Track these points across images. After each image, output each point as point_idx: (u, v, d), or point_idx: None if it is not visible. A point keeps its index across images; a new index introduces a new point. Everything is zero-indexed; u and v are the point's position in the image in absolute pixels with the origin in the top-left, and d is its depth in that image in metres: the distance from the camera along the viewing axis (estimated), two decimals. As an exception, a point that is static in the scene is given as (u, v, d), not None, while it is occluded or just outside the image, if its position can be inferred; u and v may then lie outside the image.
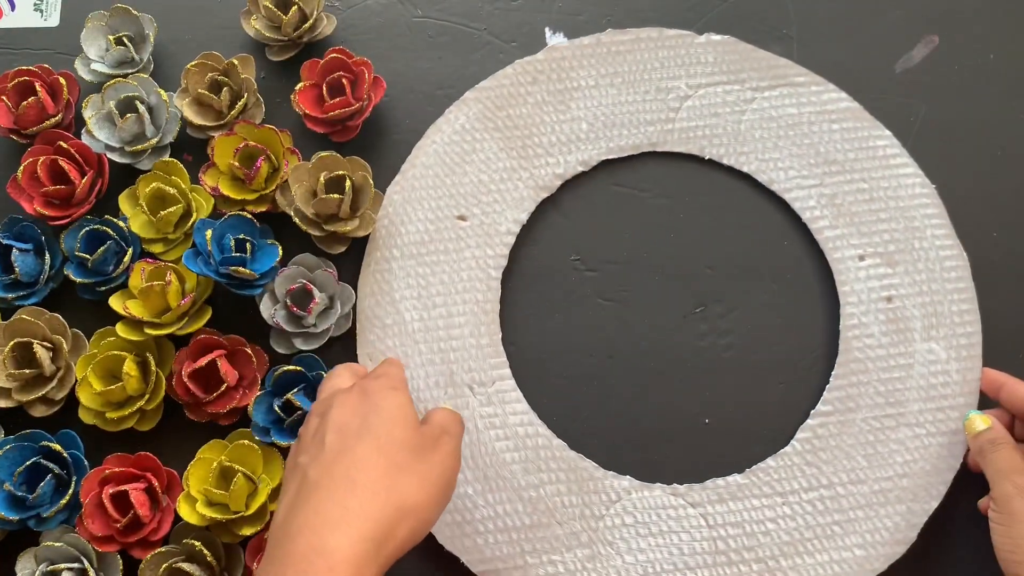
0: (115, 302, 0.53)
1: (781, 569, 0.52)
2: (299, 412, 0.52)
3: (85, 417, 0.52)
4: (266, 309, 0.54)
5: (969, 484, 0.53)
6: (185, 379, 0.51)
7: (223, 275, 0.52)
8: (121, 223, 0.55)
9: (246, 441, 0.51)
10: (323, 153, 0.55)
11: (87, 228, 0.55)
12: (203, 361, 0.52)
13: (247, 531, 0.50)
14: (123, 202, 0.56)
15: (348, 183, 0.54)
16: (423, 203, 0.58)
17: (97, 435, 0.53)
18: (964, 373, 0.55)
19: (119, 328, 0.53)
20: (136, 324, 0.52)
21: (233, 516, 0.49)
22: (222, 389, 0.52)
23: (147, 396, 0.52)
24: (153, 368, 0.52)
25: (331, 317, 0.54)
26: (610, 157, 0.60)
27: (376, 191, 0.57)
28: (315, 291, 0.53)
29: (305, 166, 0.55)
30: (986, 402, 0.55)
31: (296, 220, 0.54)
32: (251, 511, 0.50)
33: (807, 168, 0.59)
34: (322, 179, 0.54)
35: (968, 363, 0.55)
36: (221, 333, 0.54)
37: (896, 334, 0.56)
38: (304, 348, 0.54)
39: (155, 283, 0.52)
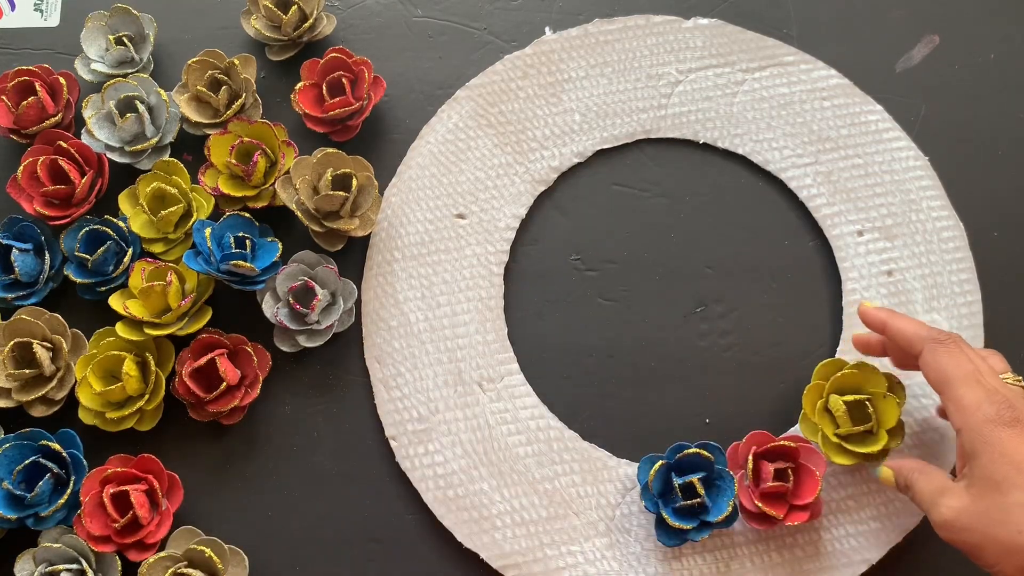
0: (115, 302, 0.53)
1: (798, 545, 0.52)
2: (698, 501, 0.50)
3: (85, 417, 0.52)
4: (268, 308, 0.54)
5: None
6: (185, 379, 0.51)
7: (224, 272, 0.52)
8: (121, 223, 0.55)
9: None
10: (328, 149, 0.55)
11: (87, 228, 0.55)
12: (203, 360, 0.51)
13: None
14: (123, 202, 0.55)
15: (354, 182, 0.54)
16: (421, 203, 0.58)
17: (97, 435, 0.52)
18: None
19: (119, 328, 0.52)
20: (136, 324, 0.52)
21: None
22: (222, 388, 0.52)
23: (147, 396, 0.52)
24: (153, 368, 0.52)
25: (334, 313, 0.54)
26: (605, 147, 0.60)
27: (376, 194, 0.57)
28: (317, 288, 0.53)
29: (308, 160, 0.55)
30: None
31: (298, 213, 0.54)
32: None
33: (801, 147, 0.60)
34: (328, 175, 0.54)
35: (970, 332, 0.56)
36: (224, 333, 0.53)
37: (898, 307, 0.56)
38: (308, 345, 0.54)
39: (155, 283, 0.52)
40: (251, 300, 0.55)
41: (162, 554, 0.49)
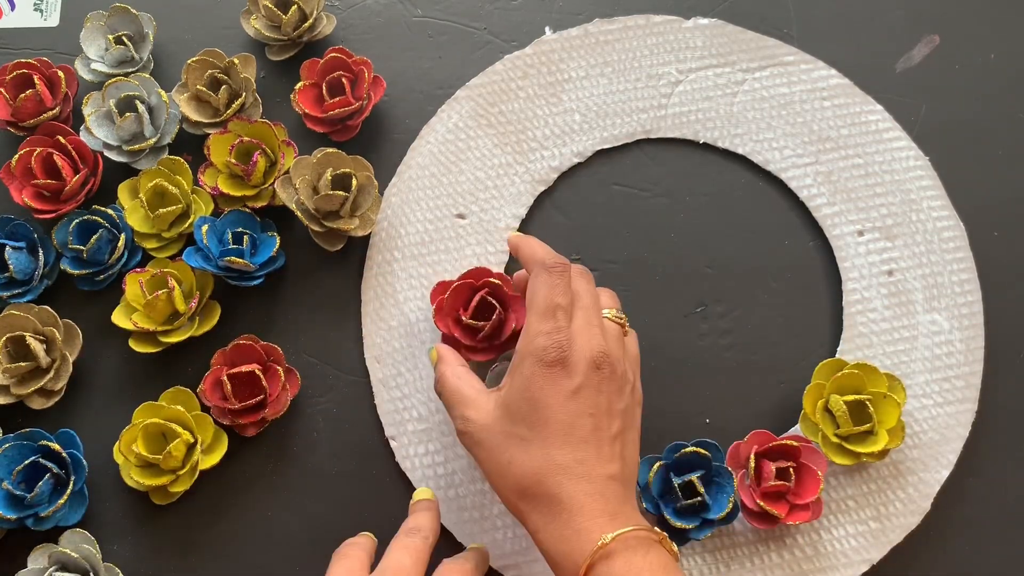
0: (121, 320, 0.52)
1: (798, 546, 0.52)
2: (698, 499, 0.50)
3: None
4: None
5: (978, 451, 0.54)
6: (224, 380, 0.51)
7: (222, 268, 0.52)
8: (111, 211, 0.55)
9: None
10: (328, 149, 0.55)
11: (77, 220, 0.55)
12: (239, 370, 0.52)
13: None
14: (122, 192, 0.55)
15: (354, 182, 0.54)
16: (421, 203, 0.58)
17: (93, 432, 0.53)
18: (967, 342, 0.56)
19: (132, 343, 0.52)
20: (149, 336, 0.52)
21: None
22: (254, 401, 0.51)
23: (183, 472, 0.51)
24: (196, 455, 0.51)
25: None
26: (605, 147, 0.60)
27: (376, 194, 0.57)
28: None
29: (308, 160, 0.55)
30: (997, 375, 0.55)
31: (298, 213, 0.54)
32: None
33: (802, 147, 0.60)
34: (328, 175, 0.54)
35: (971, 332, 0.56)
36: (258, 340, 0.53)
37: (899, 307, 0.56)
38: None
39: (160, 292, 0.51)
40: (255, 293, 0.55)
41: None
